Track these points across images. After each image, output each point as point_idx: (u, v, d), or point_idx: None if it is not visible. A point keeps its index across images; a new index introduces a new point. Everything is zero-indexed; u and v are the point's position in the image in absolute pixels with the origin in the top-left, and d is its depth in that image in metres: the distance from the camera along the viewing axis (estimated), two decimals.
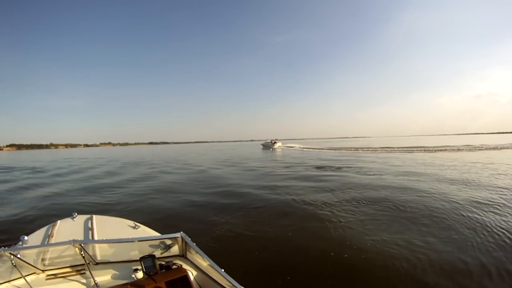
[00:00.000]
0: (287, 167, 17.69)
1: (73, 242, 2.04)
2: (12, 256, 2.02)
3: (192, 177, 14.08)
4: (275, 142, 54.03)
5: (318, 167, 16.71)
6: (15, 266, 2.04)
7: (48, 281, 2.33)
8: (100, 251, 2.27)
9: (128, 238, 2.18)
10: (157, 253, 2.36)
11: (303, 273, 3.75)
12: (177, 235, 2.15)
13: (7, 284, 2.23)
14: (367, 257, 4.16)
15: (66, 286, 2.29)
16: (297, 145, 56.17)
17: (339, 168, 16.09)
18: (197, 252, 2.22)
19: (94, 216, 3.39)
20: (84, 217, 3.41)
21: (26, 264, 2.21)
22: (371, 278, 3.63)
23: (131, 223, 3.18)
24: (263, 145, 56.54)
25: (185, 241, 2.20)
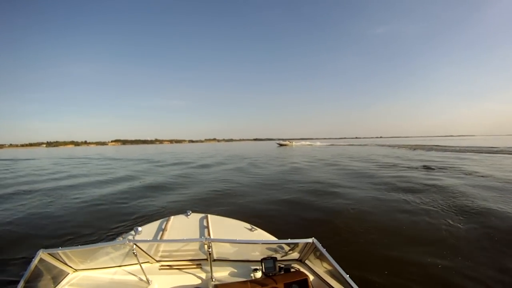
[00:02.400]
0: (383, 167, 16.69)
1: (205, 239, 2.17)
2: (134, 246, 2.21)
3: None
4: (287, 143, 68.44)
5: (426, 167, 15.51)
6: (135, 254, 2.23)
7: (162, 271, 2.54)
8: (220, 249, 2.37)
9: (256, 240, 2.31)
10: (278, 256, 2.40)
11: None
12: (309, 240, 2.13)
13: (124, 267, 2.55)
14: None
15: (180, 278, 2.47)
16: (318, 143, 66.10)
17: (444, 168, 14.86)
18: (320, 258, 2.22)
19: (209, 215, 3.53)
20: (198, 215, 3.59)
21: (144, 253, 2.43)
22: None
23: (248, 225, 3.26)
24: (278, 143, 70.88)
25: (315, 247, 2.17)
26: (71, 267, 2.47)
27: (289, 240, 2.17)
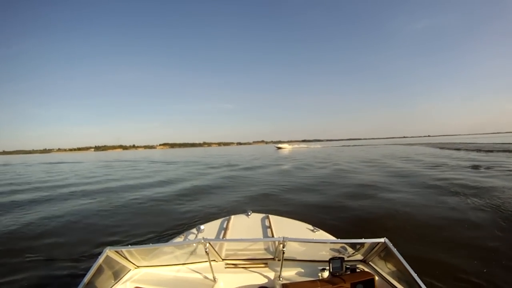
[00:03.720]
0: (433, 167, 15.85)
1: (283, 239, 2.16)
2: (207, 245, 2.25)
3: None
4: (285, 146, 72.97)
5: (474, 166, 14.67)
6: (207, 252, 2.27)
7: (228, 269, 2.58)
8: (289, 249, 2.34)
9: (329, 240, 2.31)
10: (345, 256, 2.41)
11: None
12: (381, 240, 2.10)
13: (187, 265, 2.62)
14: None
15: (246, 276, 2.51)
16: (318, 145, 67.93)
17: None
18: (386, 259, 2.22)
19: (270, 215, 3.53)
20: (259, 215, 3.59)
21: (213, 252, 2.45)
22: None
23: (310, 226, 3.24)
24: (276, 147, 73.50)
25: (385, 247, 2.13)
26: (133, 263, 2.55)
27: (360, 240, 2.16)
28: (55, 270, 4.47)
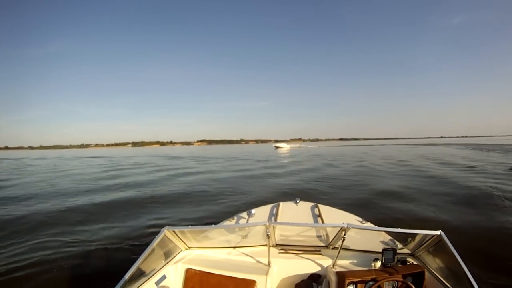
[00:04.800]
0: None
1: (347, 225, 2.15)
2: (267, 229, 2.26)
3: None
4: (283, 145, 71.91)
5: None
6: (268, 235, 2.29)
7: (281, 254, 2.62)
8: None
9: (385, 228, 2.27)
10: (396, 248, 2.40)
11: None
12: (436, 232, 2.07)
13: (238, 248, 2.67)
14: None
15: (299, 262, 2.54)
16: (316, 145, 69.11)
17: None
18: (435, 254, 2.23)
19: (319, 204, 3.52)
20: (307, 203, 3.59)
21: (273, 236, 2.48)
22: None
23: (358, 218, 3.22)
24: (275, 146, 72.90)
25: (439, 240, 2.10)
26: (185, 244, 2.58)
27: (416, 231, 2.14)
28: None
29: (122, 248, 4.88)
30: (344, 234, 2.23)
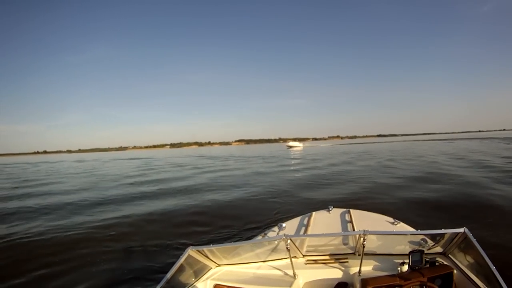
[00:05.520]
0: None
1: (363, 232, 2.15)
2: (289, 241, 2.32)
3: None
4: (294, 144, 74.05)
5: None
6: (288, 249, 2.35)
7: (308, 265, 2.67)
8: (368, 243, 2.33)
9: (407, 231, 2.33)
10: (425, 249, 2.38)
11: None
12: (460, 230, 1.99)
13: (267, 262, 2.74)
14: None
15: (325, 272, 2.58)
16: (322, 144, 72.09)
17: None
18: (466, 251, 2.16)
19: (351, 210, 3.56)
20: (340, 210, 3.63)
21: (294, 248, 2.55)
22: None
23: (390, 219, 3.23)
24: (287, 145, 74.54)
25: (465, 237, 2.03)
26: (214, 262, 2.65)
27: (439, 231, 2.10)
28: None
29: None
30: (364, 241, 2.21)
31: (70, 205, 10.09)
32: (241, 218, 7.25)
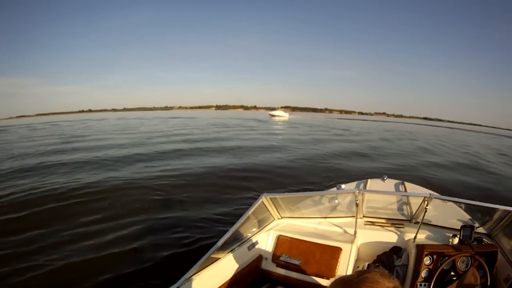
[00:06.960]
0: None
1: (429, 195, 2.23)
2: (356, 198, 2.41)
3: None
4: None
5: None
6: (357, 204, 2.43)
7: (367, 226, 2.75)
8: (429, 207, 2.39)
9: (464, 200, 2.31)
10: (476, 225, 2.43)
11: None
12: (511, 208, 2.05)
13: (328, 219, 2.84)
14: None
15: (382, 234, 2.67)
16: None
17: None
18: (509, 233, 2.25)
19: (405, 182, 3.56)
20: (394, 181, 3.64)
21: (361, 206, 2.60)
22: None
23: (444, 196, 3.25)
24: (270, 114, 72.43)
25: None
26: (278, 213, 2.77)
27: (495, 205, 2.15)
28: None
29: None
30: (427, 205, 2.28)
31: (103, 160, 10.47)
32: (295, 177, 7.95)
